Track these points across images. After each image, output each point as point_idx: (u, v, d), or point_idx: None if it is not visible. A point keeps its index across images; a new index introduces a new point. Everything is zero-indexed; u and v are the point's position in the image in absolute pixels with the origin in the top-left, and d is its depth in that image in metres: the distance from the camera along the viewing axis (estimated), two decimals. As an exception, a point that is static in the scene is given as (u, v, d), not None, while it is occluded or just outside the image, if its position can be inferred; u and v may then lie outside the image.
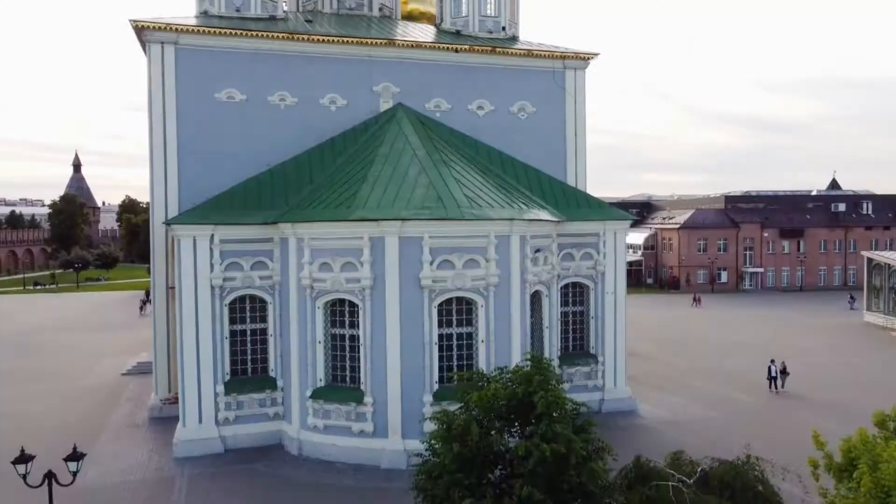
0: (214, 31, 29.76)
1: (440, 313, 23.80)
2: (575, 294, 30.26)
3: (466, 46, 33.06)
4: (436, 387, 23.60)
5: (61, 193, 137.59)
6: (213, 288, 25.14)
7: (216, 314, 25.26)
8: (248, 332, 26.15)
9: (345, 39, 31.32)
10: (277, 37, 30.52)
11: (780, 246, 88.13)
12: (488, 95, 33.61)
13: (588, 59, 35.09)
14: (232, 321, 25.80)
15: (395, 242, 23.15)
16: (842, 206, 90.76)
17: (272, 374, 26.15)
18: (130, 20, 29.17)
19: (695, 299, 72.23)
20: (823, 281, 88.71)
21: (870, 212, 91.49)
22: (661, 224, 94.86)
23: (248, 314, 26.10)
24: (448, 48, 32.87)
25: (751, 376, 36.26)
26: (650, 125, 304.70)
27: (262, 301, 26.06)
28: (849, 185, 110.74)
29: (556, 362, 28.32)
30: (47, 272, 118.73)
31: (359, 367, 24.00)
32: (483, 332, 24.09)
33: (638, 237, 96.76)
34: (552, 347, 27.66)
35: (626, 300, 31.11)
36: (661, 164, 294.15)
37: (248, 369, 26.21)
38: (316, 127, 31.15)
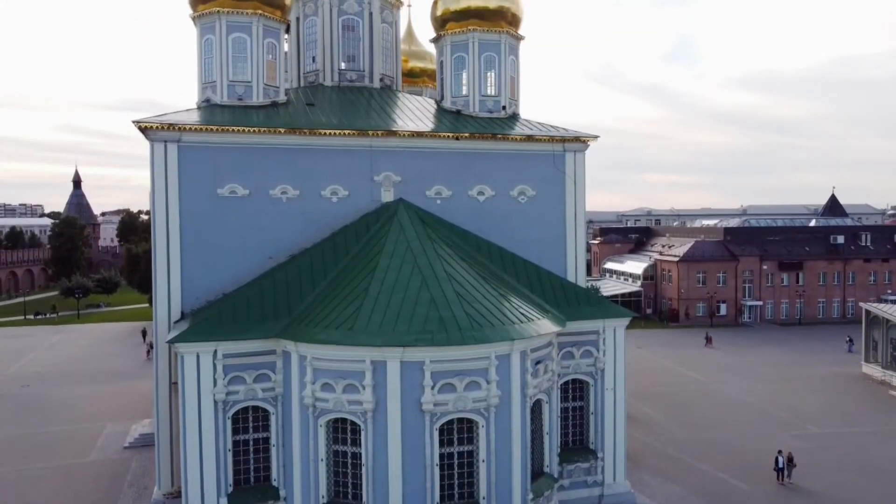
0: (217, 129, 29.97)
1: (441, 432, 23.99)
2: (575, 389, 30.42)
3: (467, 134, 33.27)
4: (437, 508, 23.81)
5: (60, 194, 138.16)
6: (216, 402, 25.30)
7: (219, 428, 25.42)
8: (251, 441, 26.33)
9: (346, 132, 31.48)
10: (279, 131, 30.72)
11: (778, 278, 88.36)
12: (489, 180, 33.81)
13: (587, 142, 35.34)
14: (234, 431, 25.98)
15: (397, 367, 23.35)
16: (840, 238, 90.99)
17: (275, 483, 26.30)
18: (134, 121, 29.40)
19: (707, 339, 72.07)
20: (822, 313, 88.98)
21: (868, 243, 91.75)
22: (661, 254, 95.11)
23: (250, 423, 26.27)
24: (449, 136, 33.06)
25: (756, 456, 36.33)
26: (651, 125, 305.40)
27: (265, 410, 26.23)
28: (848, 191, 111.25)
29: (555, 461, 28.58)
30: (48, 294, 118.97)
31: (361, 484, 24.19)
32: (484, 452, 24.27)
33: (637, 267, 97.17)
34: (552, 451, 27.83)
35: (630, 341, 30.86)
36: (661, 164, 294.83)
37: (251, 478, 26.38)
38: (317, 218, 31.46)
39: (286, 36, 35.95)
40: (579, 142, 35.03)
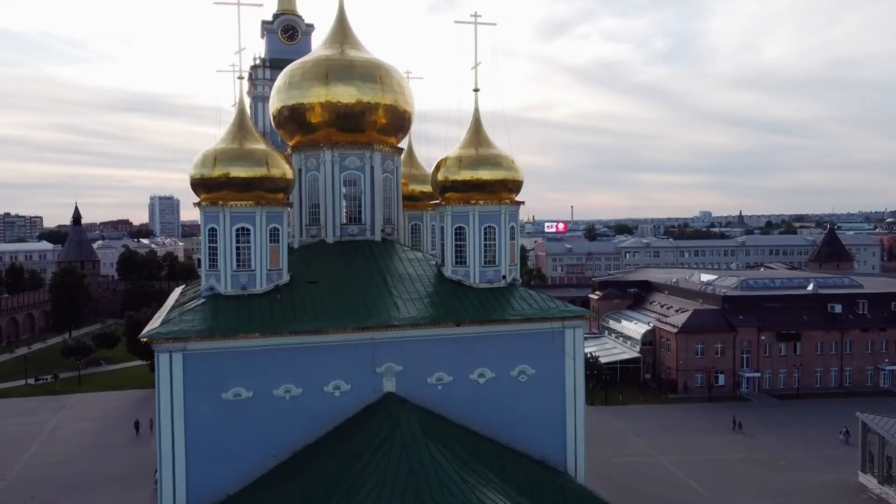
0: (221, 337, 30.48)
1: None
2: (574, 590, 30.92)
3: (467, 321, 33.77)
4: None
5: (58, 195, 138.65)
6: None
7: None
8: None
9: (347, 329, 32.01)
10: (282, 334, 31.23)
11: (776, 349, 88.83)
12: (489, 363, 34.35)
13: (587, 318, 35.87)
14: None
15: None
16: (838, 307, 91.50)
17: None
18: (141, 336, 29.94)
19: (737, 424, 71.55)
20: (820, 383, 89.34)
21: (866, 311, 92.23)
22: (660, 319, 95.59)
23: None
24: (449, 324, 33.54)
25: None
26: (650, 125, 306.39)
27: None
28: (847, 193, 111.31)
29: None
30: (49, 342, 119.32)
31: None
32: None
33: (636, 331, 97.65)
34: None
35: (629, 423, 30.96)
36: (659, 164, 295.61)
37: None
38: (320, 414, 32.01)
39: (289, 210, 36.38)
40: (578, 318, 35.58)
